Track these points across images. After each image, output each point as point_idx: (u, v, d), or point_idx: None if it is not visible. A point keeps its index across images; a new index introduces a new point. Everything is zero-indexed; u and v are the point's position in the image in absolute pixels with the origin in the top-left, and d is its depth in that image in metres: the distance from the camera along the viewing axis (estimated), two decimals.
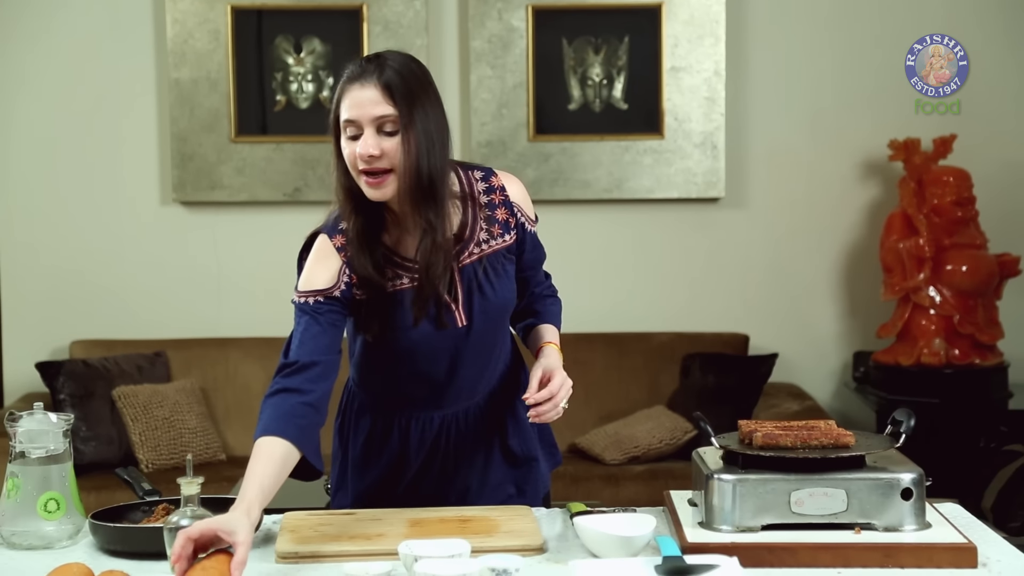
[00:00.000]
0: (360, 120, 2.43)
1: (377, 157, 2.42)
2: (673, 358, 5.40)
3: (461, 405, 2.67)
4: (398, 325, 2.52)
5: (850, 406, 5.64)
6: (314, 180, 5.50)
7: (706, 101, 5.49)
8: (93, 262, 5.57)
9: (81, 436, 4.94)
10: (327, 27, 5.53)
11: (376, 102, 2.42)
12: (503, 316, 2.66)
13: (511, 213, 2.61)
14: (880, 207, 5.57)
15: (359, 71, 2.47)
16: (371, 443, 2.70)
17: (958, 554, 2.20)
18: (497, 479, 2.71)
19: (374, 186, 2.44)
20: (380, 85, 2.43)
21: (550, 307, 2.78)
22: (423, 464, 2.68)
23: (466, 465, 2.69)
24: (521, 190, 2.66)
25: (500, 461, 2.72)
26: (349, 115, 2.44)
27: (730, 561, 2.10)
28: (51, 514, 2.41)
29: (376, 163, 2.42)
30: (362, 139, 2.43)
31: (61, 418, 2.48)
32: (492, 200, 2.59)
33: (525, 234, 2.64)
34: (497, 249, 2.58)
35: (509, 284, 2.62)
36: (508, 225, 2.60)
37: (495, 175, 2.63)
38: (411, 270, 2.51)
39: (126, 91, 5.54)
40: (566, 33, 5.53)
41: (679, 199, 5.57)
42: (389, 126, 2.42)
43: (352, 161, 2.45)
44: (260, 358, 5.42)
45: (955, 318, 5.23)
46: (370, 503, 2.67)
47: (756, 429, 2.39)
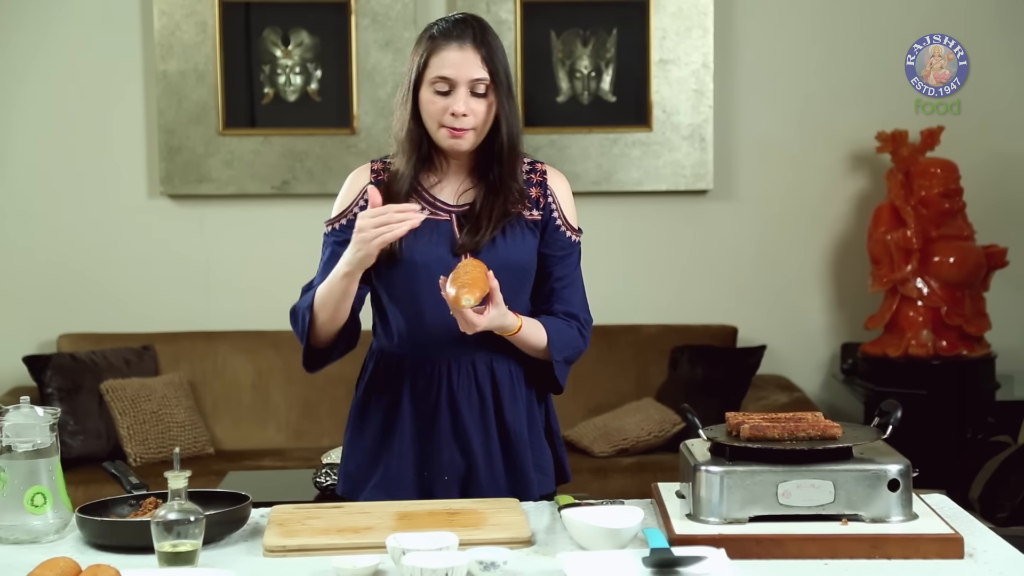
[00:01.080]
0: (457, 80, 2.60)
1: (465, 116, 2.60)
2: (662, 350, 5.41)
3: (468, 358, 2.68)
4: (411, 245, 2.63)
5: (838, 398, 5.65)
6: (302, 173, 5.49)
7: (694, 93, 5.50)
8: (81, 255, 5.56)
9: (69, 430, 4.94)
10: (315, 19, 5.52)
11: (474, 64, 2.60)
12: (511, 273, 2.66)
13: (544, 194, 2.72)
14: (868, 199, 5.58)
15: (457, 30, 2.62)
16: (388, 415, 2.74)
17: (945, 545, 2.20)
18: (489, 453, 2.71)
19: (456, 137, 2.62)
20: (479, 49, 2.61)
21: (555, 321, 2.74)
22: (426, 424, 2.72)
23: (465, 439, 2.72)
24: (565, 187, 2.78)
25: (495, 436, 2.72)
26: (445, 73, 2.60)
27: (718, 553, 2.11)
28: (38, 508, 2.41)
29: (464, 121, 2.60)
30: (455, 97, 2.60)
31: (48, 412, 2.47)
32: (530, 179, 2.73)
33: (551, 220, 2.72)
34: (519, 213, 2.69)
35: (523, 248, 2.69)
36: (537, 203, 2.72)
37: (542, 164, 2.78)
38: (439, 208, 2.69)
39: (113, 84, 5.53)
40: (554, 25, 5.52)
41: (667, 191, 5.58)
42: (481, 88, 2.61)
43: (438, 115, 2.62)
44: (248, 351, 5.42)
45: (942, 309, 5.24)
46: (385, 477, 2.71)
47: (744, 421, 2.39)
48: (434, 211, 2.69)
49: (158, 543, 2.14)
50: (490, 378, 2.71)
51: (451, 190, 2.72)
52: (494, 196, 2.67)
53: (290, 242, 5.56)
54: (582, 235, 2.79)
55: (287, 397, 5.40)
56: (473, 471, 2.70)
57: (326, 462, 3.98)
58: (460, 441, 2.71)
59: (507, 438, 2.72)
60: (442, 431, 2.71)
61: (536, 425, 2.78)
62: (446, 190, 2.72)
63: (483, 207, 2.67)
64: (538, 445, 2.77)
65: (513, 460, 2.72)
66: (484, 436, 2.71)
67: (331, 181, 5.50)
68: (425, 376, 2.71)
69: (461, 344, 2.64)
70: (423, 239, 2.65)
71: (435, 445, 2.71)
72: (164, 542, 2.14)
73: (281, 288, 5.57)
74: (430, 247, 2.65)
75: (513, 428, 2.72)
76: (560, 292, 2.75)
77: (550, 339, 2.68)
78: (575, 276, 2.78)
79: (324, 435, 5.32)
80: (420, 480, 2.72)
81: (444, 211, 2.70)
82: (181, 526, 2.15)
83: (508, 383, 2.72)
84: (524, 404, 2.75)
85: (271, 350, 5.42)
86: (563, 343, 2.71)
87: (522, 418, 2.74)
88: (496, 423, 2.72)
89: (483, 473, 2.70)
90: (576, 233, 2.76)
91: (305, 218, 5.57)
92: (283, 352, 5.39)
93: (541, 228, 2.72)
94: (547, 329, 2.69)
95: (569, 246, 2.75)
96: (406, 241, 2.63)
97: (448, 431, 2.71)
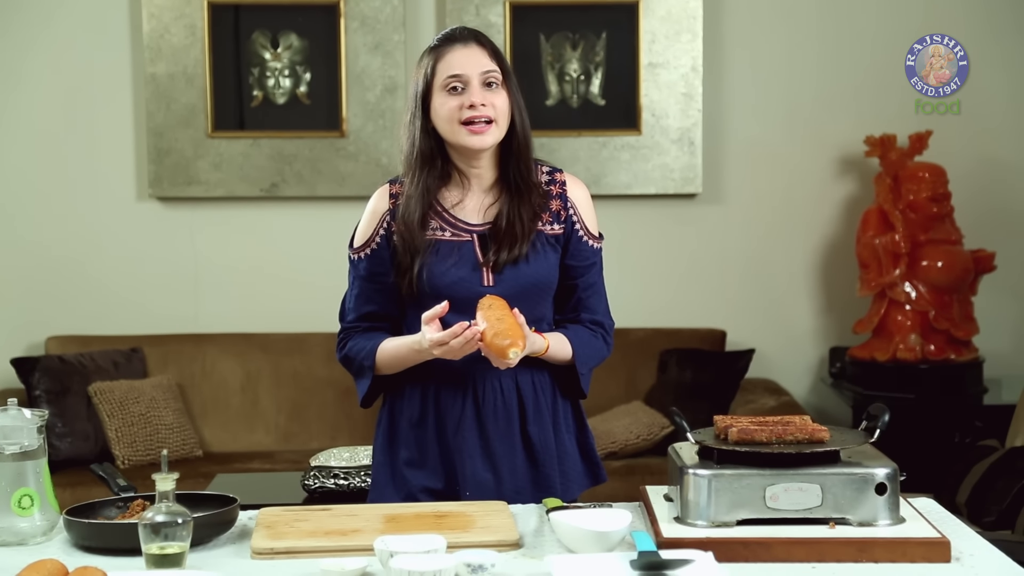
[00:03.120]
0: (468, 74, 2.64)
1: (484, 106, 2.62)
2: (651, 353, 5.41)
3: (493, 371, 2.69)
4: (432, 270, 2.64)
5: (827, 401, 5.66)
6: (291, 176, 5.49)
7: (683, 97, 5.50)
8: (69, 257, 5.55)
9: (57, 432, 4.93)
10: (304, 22, 5.52)
11: (482, 58, 2.66)
12: (533, 292, 2.70)
13: (564, 207, 2.74)
14: (856, 203, 5.59)
15: (458, 34, 2.69)
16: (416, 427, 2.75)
17: (932, 548, 2.21)
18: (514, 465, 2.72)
19: (478, 133, 2.63)
20: (483, 45, 2.68)
21: (582, 332, 2.77)
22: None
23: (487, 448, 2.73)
24: (585, 195, 2.79)
25: (520, 448, 2.73)
26: (456, 70, 2.64)
27: (705, 556, 2.11)
28: (25, 510, 2.40)
29: (483, 111, 2.62)
30: (469, 91, 2.63)
31: (35, 414, 2.46)
32: (550, 191, 2.74)
33: (573, 232, 2.74)
34: (541, 230, 2.70)
35: (546, 265, 2.71)
36: (558, 216, 2.73)
37: (560, 172, 2.79)
38: (460, 228, 2.69)
39: (102, 86, 5.52)
40: (544, 28, 5.53)
41: (656, 195, 5.58)
42: (493, 79, 2.65)
43: (454, 113, 2.63)
44: (237, 354, 5.41)
45: (930, 314, 5.25)
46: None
47: (731, 424, 2.39)
48: (455, 232, 2.69)
49: (146, 545, 2.14)
50: (515, 391, 2.73)
51: (474, 208, 2.72)
52: (520, 201, 2.69)
53: (279, 245, 5.57)
54: (603, 240, 2.82)
55: (275, 400, 5.40)
56: (500, 484, 2.71)
57: (314, 464, 3.97)
58: (487, 455, 2.72)
59: (531, 449, 2.74)
60: (468, 445, 2.71)
61: (561, 432, 2.79)
62: (468, 208, 2.72)
63: (512, 216, 2.68)
64: (563, 452, 2.79)
65: (539, 470, 2.74)
66: (510, 449, 2.72)
67: (320, 184, 5.50)
68: (451, 392, 2.72)
69: (486, 361, 2.64)
70: (445, 262, 2.66)
71: (461, 459, 2.71)
72: (152, 544, 2.14)
73: (270, 291, 5.61)
74: (453, 269, 2.66)
75: (537, 439, 2.74)
76: (586, 301, 2.80)
77: (575, 352, 2.74)
78: (599, 283, 2.83)
79: (312, 438, 5.32)
80: (448, 493, 2.72)
81: (466, 231, 2.70)
82: (169, 528, 2.14)
83: (532, 394, 2.74)
84: (549, 413, 2.76)
85: (260, 353, 5.41)
86: (588, 355, 2.77)
87: (547, 428, 2.76)
88: (521, 435, 2.73)
89: (508, 486, 2.71)
90: (597, 240, 2.80)
91: (294, 221, 5.58)
92: (272, 355, 5.39)
93: (564, 241, 2.74)
94: (572, 343, 2.74)
95: (593, 255, 2.79)
96: (427, 267, 2.64)
97: (476, 445, 2.71)
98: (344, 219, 3.33)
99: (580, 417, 2.87)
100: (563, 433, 2.80)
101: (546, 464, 2.74)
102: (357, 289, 2.75)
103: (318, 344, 5.28)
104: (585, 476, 2.85)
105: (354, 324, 2.76)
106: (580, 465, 2.83)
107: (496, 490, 2.70)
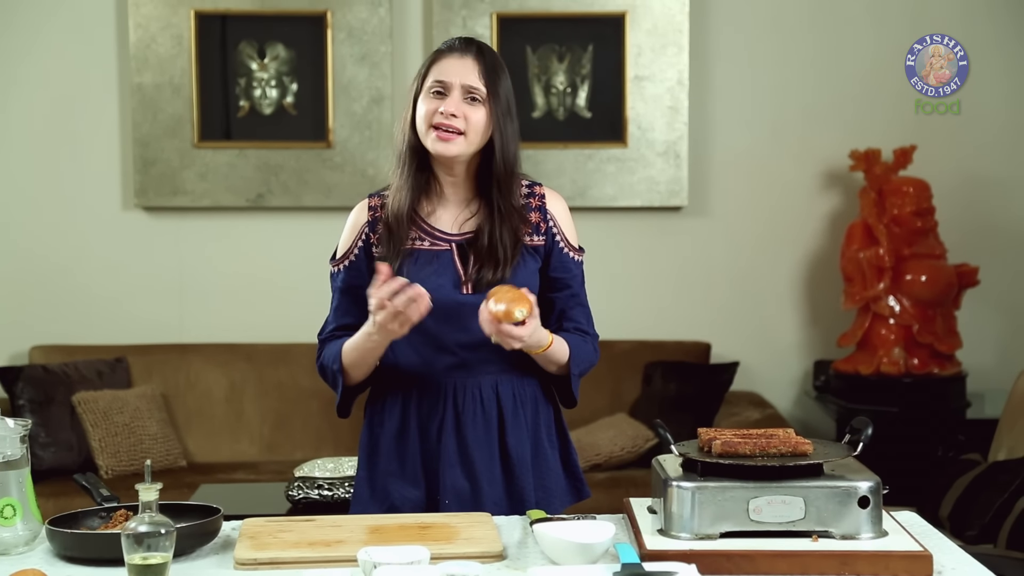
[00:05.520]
0: (451, 83, 2.67)
1: (456, 117, 2.64)
2: (635, 366, 5.41)
3: (474, 380, 2.72)
4: (411, 277, 2.62)
5: (811, 414, 5.67)
6: (277, 186, 5.49)
7: (669, 110, 5.52)
8: (54, 267, 5.54)
9: (40, 442, 4.91)
10: (291, 33, 5.52)
11: (471, 72, 2.67)
12: None
13: (544, 219, 2.77)
14: (841, 217, 5.61)
15: (459, 45, 2.72)
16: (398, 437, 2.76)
17: (914, 562, 2.21)
18: (492, 476, 2.73)
19: (443, 140, 2.66)
20: (478, 61, 2.69)
21: (574, 336, 2.79)
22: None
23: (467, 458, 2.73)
24: (563, 209, 2.82)
25: (498, 458, 2.74)
26: (442, 77, 2.67)
27: (688, 568, 2.11)
28: (7, 520, 2.40)
29: (453, 121, 2.64)
30: (447, 99, 2.66)
31: (18, 423, 2.45)
32: (529, 203, 2.77)
33: (554, 245, 2.77)
34: (525, 238, 2.74)
35: (527, 274, 2.73)
36: (538, 228, 2.76)
37: (540, 186, 2.82)
38: (437, 238, 2.72)
39: (88, 96, 5.51)
40: (530, 41, 5.54)
41: (642, 207, 5.59)
42: (476, 96, 2.67)
43: (429, 116, 2.67)
44: (221, 364, 5.40)
45: (914, 328, 5.27)
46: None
47: (715, 437, 2.40)
48: (433, 241, 2.72)
49: (128, 555, 2.14)
50: (495, 400, 2.74)
51: (449, 218, 2.75)
52: (501, 223, 2.70)
53: (265, 255, 5.56)
54: (584, 253, 2.84)
55: (260, 410, 5.39)
56: (477, 493, 2.71)
57: (298, 475, 3.97)
58: (465, 463, 2.72)
59: (508, 460, 2.74)
60: (448, 453, 2.72)
61: (542, 447, 2.79)
62: (443, 219, 2.75)
63: (493, 239, 2.69)
64: (544, 467, 2.79)
65: (514, 482, 2.74)
66: (488, 458, 2.73)
67: (306, 194, 5.50)
68: (431, 401, 2.73)
69: (466, 367, 2.68)
70: (424, 269, 2.68)
71: (441, 467, 2.72)
72: (135, 554, 2.13)
73: (255, 301, 5.61)
74: (432, 277, 2.67)
75: (515, 451, 2.74)
76: (569, 312, 2.82)
77: (571, 354, 2.76)
78: (582, 295, 2.85)
79: (297, 448, 5.31)
80: (429, 503, 2.73)
81: (444, 240, 2.72)
82: (152, 539, 2.14)
83: (511, 406, 2.76)
84: (528, 427, 2.77)
85: (244, 363, 5.41)
86: (581, 358, 2.79)
87: (525, 441, 2.76)
88: (499, 445, 2.74)
89: (486, 495, 2.71)
90: (579, 253, 2.83)
91: (280, 231, 5.58)
92: (256, 365, 5.38)
93: (544, 253, 2.77)
94: (569, 344, 2.76)
95: (575, 267, 2.82)
96: (407, 275, 2.64)
97: (453, 453, 2.72)
98: (330, 230, 3.33)
99: (563, 431, 2.87)
100: (545, 447, 2.80)
101: (521, 477, 2.74)
102: (336, 302, 2.78)
103: (303, 355, 5.27)
104: (568, 492, 2.85)
105: (330, 335, 2.78)
106: (563, 481, 2.83)
107: (473, 500, 2.71)
